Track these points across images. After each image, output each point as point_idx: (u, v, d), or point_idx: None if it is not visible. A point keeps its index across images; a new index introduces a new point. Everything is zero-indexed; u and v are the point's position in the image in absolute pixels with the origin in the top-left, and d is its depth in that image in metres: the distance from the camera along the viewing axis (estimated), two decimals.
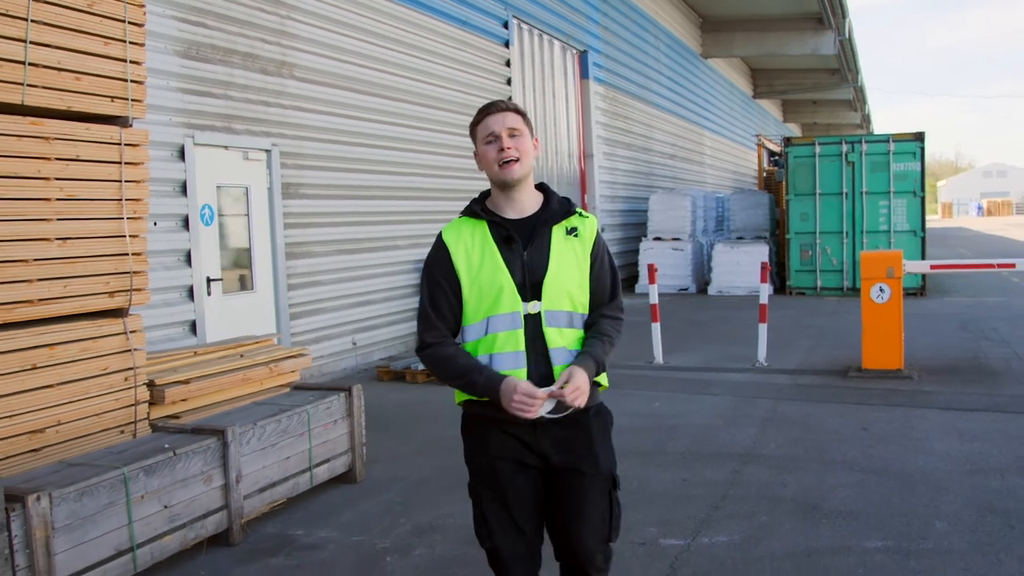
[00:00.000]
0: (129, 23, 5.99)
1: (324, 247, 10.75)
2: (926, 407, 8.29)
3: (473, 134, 3.29)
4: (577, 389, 3.04)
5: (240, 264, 9.64)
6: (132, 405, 6.06)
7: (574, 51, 19.65)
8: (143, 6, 6.15)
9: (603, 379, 3.29)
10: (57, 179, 5.51)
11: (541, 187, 3.37)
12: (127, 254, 6.00)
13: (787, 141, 19.79)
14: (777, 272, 20.10)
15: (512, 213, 3.24)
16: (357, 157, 11.41)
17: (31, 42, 5.31)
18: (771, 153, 27.20)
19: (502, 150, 3.16)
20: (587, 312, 3.26)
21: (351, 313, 11.31)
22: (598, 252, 3.29)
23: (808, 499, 5.86)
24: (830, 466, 6.57)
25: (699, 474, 6.49)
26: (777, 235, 20.94)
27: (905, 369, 9.73)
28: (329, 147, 10.87)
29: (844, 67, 36.28)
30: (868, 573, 4.65)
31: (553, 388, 3.04)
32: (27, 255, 5.36)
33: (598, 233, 3.32)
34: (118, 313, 6.04)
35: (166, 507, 4.89)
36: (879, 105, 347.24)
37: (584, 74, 19.97)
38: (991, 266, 10.92)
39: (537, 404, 2.99)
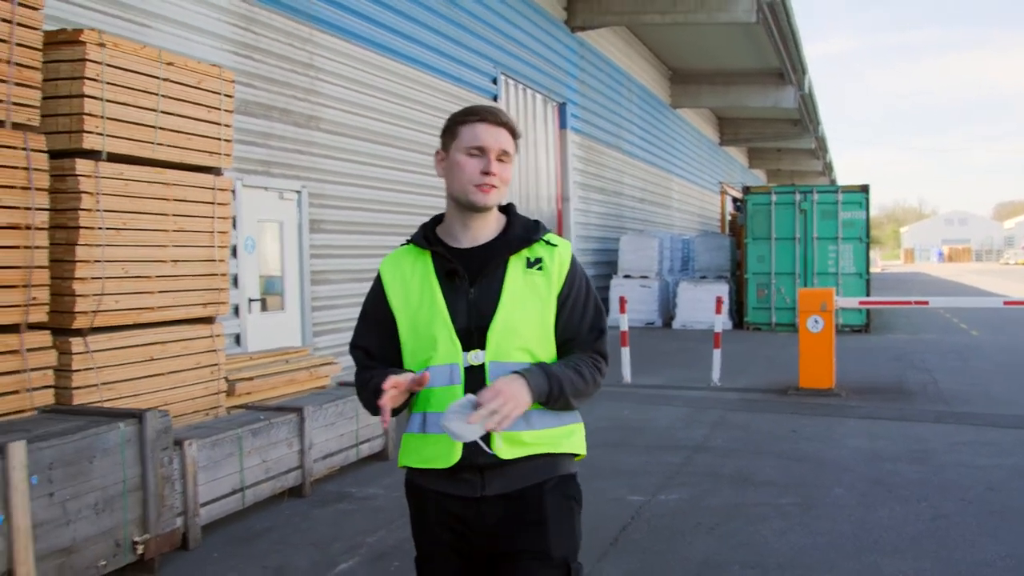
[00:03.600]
0: (223, 95, 7.72)
1: (341, 275, 12.41)
2: (847, 417, 10.06)
3: (452, 132, 2.69)
4: (502, 396, 2.40)
5: (274, 288, 11.31)
6: (216, 394, 7.71)
7: (554, 103, 21.53)
8: (233, 81, 7.89)
9: (572, 443, 2.71)
10: (173, 215, 7.20)
11: (505, 208, 2.79)
12: (215, 274, 7.69)
13: (746, 190, 21.70)
14: (736, 309, 21.90)
15: (465, 240, 2.69)
16: (370, 198, 13.13)
17: (161, 111, 7.03)
18: (734, 199, 29.15)
19: (487, 173, 2.60)
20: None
21: None
22: (570, 289, 2.68)
23: (742, 475, 7.60)
24: (762, 455, 8.32)
25: (659, 458, 8.22)
26: (737, 275, 22.74)
27: (835, 388, 11.52)
28: (347, 189, 12.58)
29: (805, 118, 38.43)
30: (779, 515, 6.40)
31: (469, 398, 2.44)
32: (151, 273, 7.03)
33: (573, 264, 2.71)
34: (208, 320, 7.71)
35: (263, 461, 6.57)
36: (844, 150, 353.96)
37: (563, 124, 21.83)
38: (908, 303, 12.79)
39: (388, 400, 2.43)
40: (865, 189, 20.10)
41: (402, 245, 2.80)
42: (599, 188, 24.42)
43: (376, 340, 2.75)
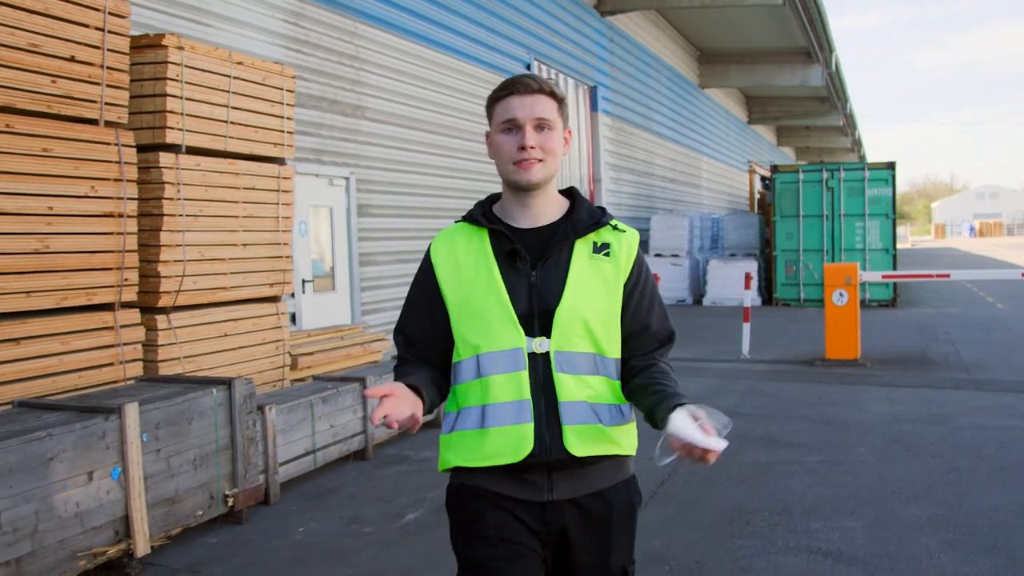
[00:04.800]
0: (285, 90, 8.33)
1: (387, 257, 13.04)
2: (870, 384, 10.59)
3: (490, 112, 2.56)
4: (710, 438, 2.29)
5: (325, 269, 11.95)
6: (281, 367, 8.37)
7: (585, 87, 22.05)
8: (295, 77, 8.50)
9: (634, 442, 2.63)
10: (243, 202, 7.83)
11: (568, 192, 2.67)
12: (280, 256, 8.32)
13: (774, 168, 22.14)
14: (765, 286, 22.39)
15: (525, 221, 2.55)
16: (412, 183, 13.74)
17: (232, 107, 7.65)
18: (762, 178, 29.58)
19: (523, 148, 2.46)
20: (620, 356, 2.56)
21: None
22: (638, 278, 2.57)
23: (770, 436, 8.17)
24: (789, 419, 8.88)
25: None
26: (766, 252, 23.24)
27: (860, 359, 12.04)
28: (391, 175, 13.19)
29: (833, 96, 38.68)
30: (805, 471, 6.97)
31: (693, 430, 2.29)
32: (224, 255, 7.67)
33: (639, 254, 2.61)
34: (274, 299, 8.35)
35: (331, 426, 7.21)
36: (875, 127, 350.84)
37: (594, 107, 22.36)
38: (930, 276, 13.25)
39: (380, 411, 2.22)
40: (891, 166, 20.51)
41: (456, 223, 2.64)
42: (630, 169, 24.94)
43: (420, 325, 2.59)
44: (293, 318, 11.20)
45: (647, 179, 26.59)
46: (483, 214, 2.57)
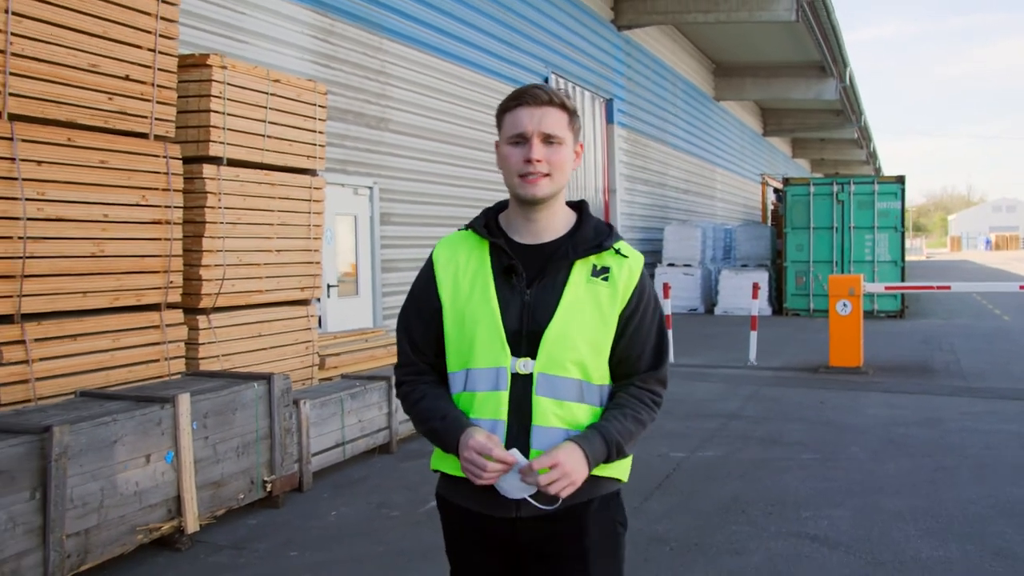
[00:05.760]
0: (318, 106, 8.87)
1: (408, 264, 13.57)
2: (870, 391, 11.07)
3: (499, 123, 2.52)
4: (559, 470, 2.27)
5: (349, 275, 12.49)
6: (310, 366, 8.90)
7: (601, 99, 22.60)
8: (326, 93, 9.05)
9: (621, 469, 2.55)
10: (278, 211, 8.37)
11: (577, 206, 2.61)
12: (310, 262, 8.86)
13: (786, 181, 22.64)
14: (776, 296, 22.85)
15: (527, 236, 2.51)
16: (433, 192, 14.29)
17: (268, 122, 8.20)
18: (775, 190, 30.04)
19: (528, 161, 2.41)
20: (607, 383, 2.52)
21: None
22: (636, 307, 2.49)
23: (770, 437, 8.66)
24: (790, 421, 9.36)
25: (697, 424, 9.29)
26: (777, 263, 23.64)
27: (863, 367, 12.51)
28: (413, 184, 13.75)
29: (847, 109, 39.15)
30: (800, 467, 7.47)
31: (521, 459, 2.32)
32: (260, 261, 8.21)
33: (642, 280, 2.51)
34: (304, 303, 8.88)
35: (359, 421, 7.73)
36: (894, 138, 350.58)
37: (609, 119, 22.91)
38: (931, 287, 13.76)
39: (489, 467, 2.28)
40: (901, 180, 20.95)
41: (460, 229, 2.62)
42: (644, 180, 25.47)
43: (422, 328, 2.56)
44: (319, 321, 11.75)
45: (661, 190, 27.10)
46: (486, 224, 2.56)
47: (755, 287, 14.01)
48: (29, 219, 5.98)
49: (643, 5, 23.35)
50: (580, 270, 2.46)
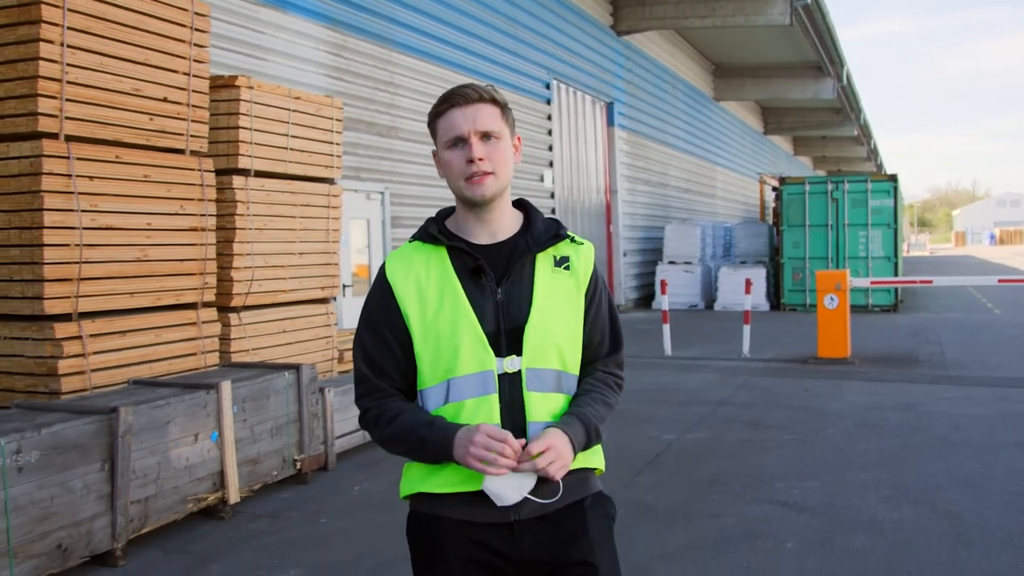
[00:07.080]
0: (335, 119, 9.62)
1: None
2: (855, 380, 11.79)
3: (433, 130, 2.50)
4: (554, 452, 2.27)
5: (362, 276, 13.24)
6: (330, 360, 9.65)
7: (602, 103, 23.34)
8: (342, 107, 9.79)
9: (598, 459, 2.55)
10: (299, 217, 9.11)
11: (520, 204, 2.60)
12: (329, 264, 9.60)
13: (782, 180, 23.36)
14: (773, 292, 23.55)
15: (483, 237, 2.48)
16: (441, 196, 14.99)
17: (291, 136, 8.94)
18: (773, 188, 30.70)
19: (471, 161, 2.38)
20: (577, 372, 2.52)
21: None
22: (595, 291, 2.54)
23: (755, 421, 9.39)
24: (775, 407, 10.09)
25: (688, 410, 10.02)
26: (775, 260, 24.33)
27: (850, 358, 13.22)
28: (422, 189, 14.49)
29: (846, 107, 39.76)
30: (779, 447, 8.20)
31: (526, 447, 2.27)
32: (283, 263, 8.95)
33: (595, 266, 2.57)
34: (324, 301, 9.62)
35: None
36: (899, 134, 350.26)
37: (610, 122, 23.64)
38: (913, 282, 14.46)
39: (507, 451, 2.22)
40: (893, 178, 21.66)
41: (408, 242, 2.54)
42: (645, 180, 26.20)
43: (383, 351, 2.44)
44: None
45: (662, 190, 27.82)
46: (440, 231, 2.47)
47: (747, 283, 14.72)
48: (84, 228, 6.72)
49: (641, 11, 24.05)
50: (543, 263, 2.47)
